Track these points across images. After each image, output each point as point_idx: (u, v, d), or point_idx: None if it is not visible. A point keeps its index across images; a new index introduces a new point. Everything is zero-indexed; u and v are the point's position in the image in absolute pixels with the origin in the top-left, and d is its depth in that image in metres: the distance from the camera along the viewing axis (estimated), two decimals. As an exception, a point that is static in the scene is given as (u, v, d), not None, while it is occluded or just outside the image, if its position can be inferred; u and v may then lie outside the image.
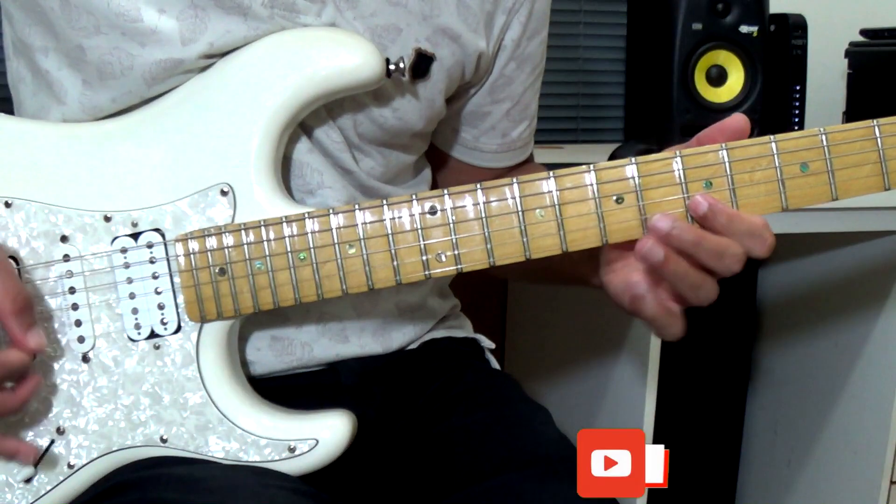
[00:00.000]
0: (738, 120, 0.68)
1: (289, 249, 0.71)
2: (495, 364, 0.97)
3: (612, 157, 1.24)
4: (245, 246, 0.71)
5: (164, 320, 0.73)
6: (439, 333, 0.93)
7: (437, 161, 0.95)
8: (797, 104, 1.61)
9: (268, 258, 0.71)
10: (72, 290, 0.72)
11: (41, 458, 0.73)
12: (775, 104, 1.60)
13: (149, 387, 0.73)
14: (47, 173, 0.73)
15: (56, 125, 0.75)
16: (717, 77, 1.53)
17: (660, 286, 0.69)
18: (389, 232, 0.70)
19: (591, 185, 0.68)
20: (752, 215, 0.67)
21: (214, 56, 0.74)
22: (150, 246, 0.72)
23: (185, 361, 0.73)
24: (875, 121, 0.67)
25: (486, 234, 0.69)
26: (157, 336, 0.73)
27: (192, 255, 0.72)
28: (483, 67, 0.86)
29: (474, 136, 0.92)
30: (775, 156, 0.67)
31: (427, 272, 0.70)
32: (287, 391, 0.79)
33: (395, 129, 0.82)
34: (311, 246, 0.70)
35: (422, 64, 0.79)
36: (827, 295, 1.62)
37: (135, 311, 0.73)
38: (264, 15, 0.73)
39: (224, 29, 0.73)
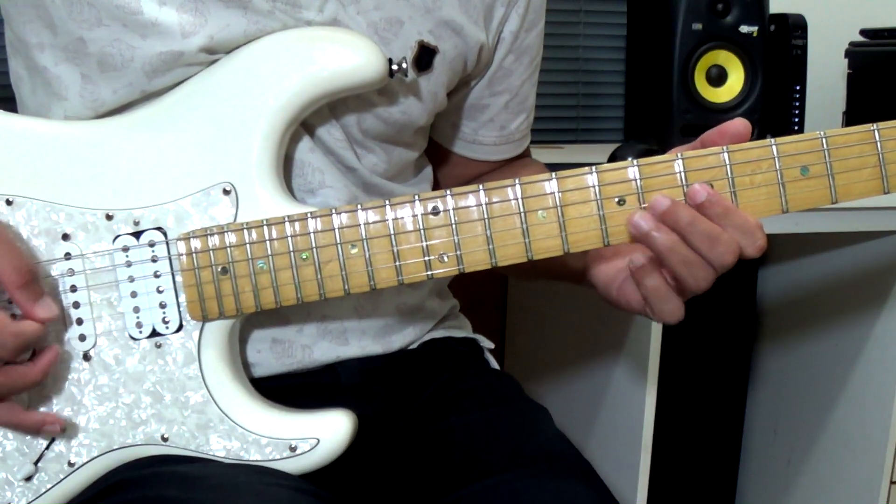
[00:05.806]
0: (740, 124, 0.68)
1: (291, 249, 0.71)
2: (495, 364, 0.97)
3: (612, 157, 1.24)
4: (247, 245, 0.71)
5: (166, 319, 0.73)
6: (439, 333, 0.93)
7: (437, 156, 0.95)
8: (797, 104, 1.61)
9: (270, 257, 0.71)
10: (73, 289, 0.73)
11: (41, 457, 0.73)
12: (775, 104, 1.60)
13: (150, 385, 0.73)
14: (49, 171, 0.73)
15: (58, 123, 0.75)
16: (717, 77, 1.53)
17: (656, 268, 0.69)
18: (392, 232, 0.70)
19: (594, 186, 0.68)
20: (748, 215, 0.67)
21: (215, 50, 0.73)
22: (152, 245, 0.72)
23: (186, 360, 0.73)
24: (875, 125, 0.68)
25: (489, 234, 0.69)
26: (159, 335, 0.73)
27: (194, 254, 0.72)
28: (484, 60, 0.86)
29: (473, 129, 0.93)
30: (776, 159, 0.67)
31: (429, 272, 0.70)
32: (287, 391, 0.79)
33: (399, 125, 0.82)
34: (314, 245, 0.70)
35: (425, 57, 0.79)
36: (827, 295, 1.62)
37: (136, 309, 0.73)
38: (265, 9, 0.73)
39: (224, 22, 0.73)
